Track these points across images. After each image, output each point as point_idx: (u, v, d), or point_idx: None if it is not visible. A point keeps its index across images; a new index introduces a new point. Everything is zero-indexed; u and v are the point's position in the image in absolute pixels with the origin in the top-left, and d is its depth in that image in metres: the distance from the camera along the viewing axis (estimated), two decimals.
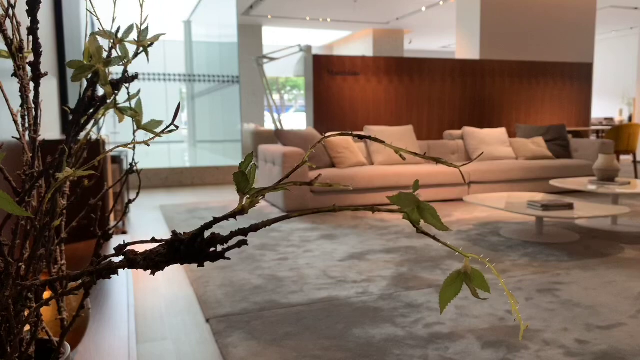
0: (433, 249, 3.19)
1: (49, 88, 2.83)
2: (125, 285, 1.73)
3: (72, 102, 3.99)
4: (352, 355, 1.78)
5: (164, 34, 0.61)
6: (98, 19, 0.60)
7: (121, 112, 0.58)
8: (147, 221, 4.32)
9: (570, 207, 3.22)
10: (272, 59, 8.44)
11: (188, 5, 10.96)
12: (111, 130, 11.24)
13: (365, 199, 4.78)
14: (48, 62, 3.15)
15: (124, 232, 3.86)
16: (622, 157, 9.40)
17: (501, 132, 5.84)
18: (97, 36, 0.55)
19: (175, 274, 2.78)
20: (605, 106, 13.32)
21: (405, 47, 13.90)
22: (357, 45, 13.90)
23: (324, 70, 5.97)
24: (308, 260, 2.98)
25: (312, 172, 4.66)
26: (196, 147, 12.19)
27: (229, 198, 5.44)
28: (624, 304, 2.23)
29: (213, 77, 8.52)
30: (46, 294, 0.80)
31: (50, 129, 2.70)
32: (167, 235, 3.73)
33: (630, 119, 9.57)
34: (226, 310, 2.21)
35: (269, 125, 11.80)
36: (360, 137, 0.46)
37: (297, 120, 17.93)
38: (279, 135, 4.97)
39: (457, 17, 7.42)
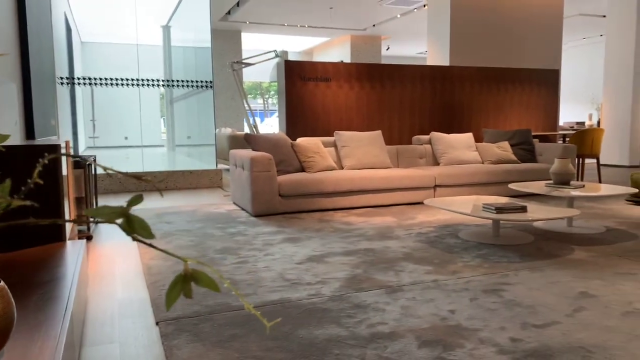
0: (391, 251, 3.26)
1: (6, 93, 2.85)
2: (68, 289, 1.76)
3: (37, 107, 3.99)
4: (293, 355, 1.83)
5: None
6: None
7: None
8: (114, 226, 4.32)
9: (524, 209, 3.32)
10: (247, 64, 8.48)
11: (167, 10, 10.96)
12: (90, 134, 11.19)
13: (334, 202, 4.85)
14: (8, 67, 3.15)
15: (89, 237, 3.87)
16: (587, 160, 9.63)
17: (468, 136, 5.96)
18: None
19: (133, 277, 2.81)
20: (576, 111, 13.61)
21: (383, 53, 14.07)
22: (336, 50, 14.02)
23: (296, 75, 6.04)
24: (267, 263, 3.03)
25: (280, 177, 4.71)
26: (175, 151, 12.17)
27: (200, 202, 5.47)
28: (563, 304, 2.32)
29: (190, 82, 8.53)
30: None
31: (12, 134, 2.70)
32: (130, 240, 3.74)
33: (599, 123, 9.81)
34: (177, 314, 2.24)
35: (248, 129, 11.82)
36: None
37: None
38: (249, 140, 5.02)
39: (428, 25, 7.55)
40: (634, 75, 8.98)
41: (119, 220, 0.47)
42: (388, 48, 14.58)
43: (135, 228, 0.47)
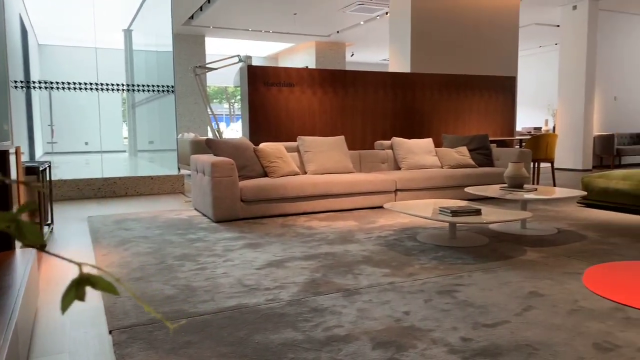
0: (351, 255, 3.30)
1: None
2: (13, 299, 1.71)
3: None
4: None
5: None
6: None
7: None
8: (71, 233, 4.21)
9: (478, 212, 3.42)
10: (210, 69, 8.42)
11: (128, 13, 10.78)
12: (48, 140, 10.85)
13: (296, 207, 4.86)
14: None
15: (43, 245, 3.75)
16: (542, 164, 9.96)
17: (428, 142, 6.09)
18: None
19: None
20: (534, 116, 14.08)
21: (348, 59, 14.20)
22: (301, 56, 14.07)
23: (260, 81, 6.03)
24: (226, 269, 3.02)
25: (243, 182, 4.70)
26: (137, 157, 11.95)
27: (160, 208, 5.38)
28: (513, 303, 2.40)
29: (151, 87, 8.40)
30: None
31: None
32: (90, 247, 3.66)
33: (554, 129, 10.18)
34: (131, 321, 2.21)
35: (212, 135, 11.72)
36: None
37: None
38: (210, 145, 4.98)
39: (389, 32, 7.68)
40: (586, 82, 9.35)
41: (8, 225, 0.47)
42: (352, 54, 14.73)
43: (24, 233, 0.48)
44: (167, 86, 7.33)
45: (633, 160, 10.86)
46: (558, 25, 10.43)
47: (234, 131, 22.30)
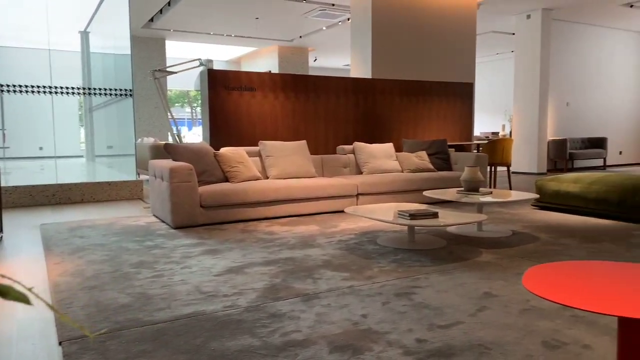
0: (311, 259, 3.30)
1: None
2: None
3: None
4: None
5: None
6: None
7: None
8: (22, 241, 4.05)
9: (435, 215, 3.48)
10: (170, 73, 8.29)
11: (85, 15, 10.49)
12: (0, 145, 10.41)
13: (258, 212, 4.84)
14: None
15: None
16: (499, 168, 10.26)
17: (389, 146, 6.17)
18: None
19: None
20: (491, 121, 14.48)
21: (310, 64, 14.25)
22: (264, 60, 14.03)
23: (220, 85, 5.98)
24: (184, 276, 2.97)
25: (202, 187, 4.64)
26: (94, 162, 11.62)
27: (117, 215, 5.25)
28: (468, 304, 2.45)
29: (109, 90, 8.20)
30: None
31: None
32: (41, 255, 3.53)
33: (511, 133, 10.49)
34: (98, 332, 2.14)
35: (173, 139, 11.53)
36: None
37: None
38: (169, 150, 4.90)
39: (351, 38, 7.76)
40: (540, 89, 9.70)
41: None
42: (315, 59, 14.80)
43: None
44: (125, 90, 7.17)
45: (585, 164, 11.31)
46: (513, 34, 10.78)
47: (196, 135, 21.97)
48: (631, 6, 9.40)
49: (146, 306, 2.45)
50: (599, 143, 11.14)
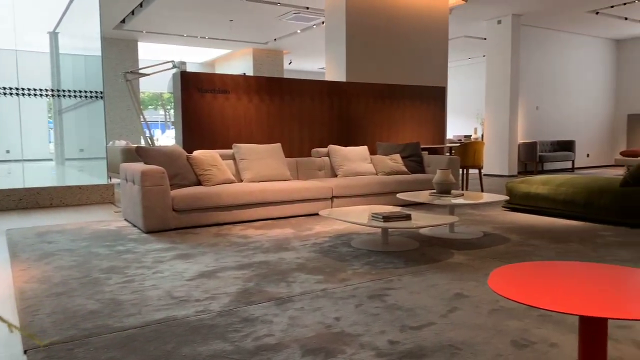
0: (285, 263, 3.29)
1: None
2: None
3: None
4: None
5: None
6: None
7: None
8: None
9: (408, 217, 3.52)
10: (142, 75, 8.18)
11: (54, 15, 10.26)
12: None
13: (231, 216, 4.80)
14: None
15: None
16: (471, 171, 10.43)
17: (363, 149, 6.21)
18: None
19: (2, 303, 2.57)
20: (464, 125, 14.72)
21: (285, 67, 14.24)
22: (238, 63, 13.96)
23: (193, 87, 5.92)
24: (155, 281, 2.92)
25: (175, 191, 4.58)
26: (64, 165, 11.36)
27: (87, 219, 5.14)
28: (439, 305, 2.48)
29: (79, 92, 8.04)
30: None
31: None
32: (7, 262, 3.43)
33: (483, 136, 10.68)
34: (50, 339, 2.09)
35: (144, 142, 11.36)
36: None
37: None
38: (141, 153, 4.83)
39: (325, 42, 7.79)
40: (511, 93, 9.90)
41: None
42: (290, 62, 14.79)
43: None
44: (96, 92, 7.04)
45: (554, 166, 11.59)
46: (485, 38, 10.99)
47: (170, 138, 21.70)
48: (597, 13, 9.69)
49: (116, 312, 2.41)
50: (567, 146, 11.43)
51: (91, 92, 7.12)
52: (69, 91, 7.43)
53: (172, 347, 2.01)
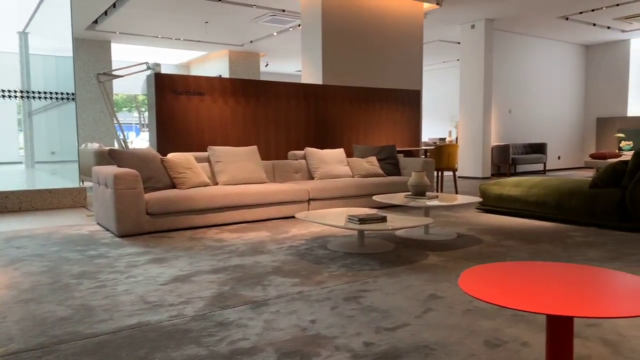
0: (261, 266, 3.28)
1: None
2: None
3: None
4: None
5: None
6: None
7: None
8: None
9: (384, 219, 3.54)
10: (115, 76, 8.05)
11: (23, 15, 10.02)
12: None
13: (206, 219, 4.75)
14: None
15: None
16: (445, 173, 10.57)
17: (340, 152, 6.23)
18: None
19: None
20: (439, 128, 14.90)
21: (262, 69, 14.20)
22: (214, 65, 13.86)
23: (168, 89, 5.85)
24: (128, 286, 2.87)
25: (149, 194, 4.51)
26: (34, 169, 11.09)
27: (58, 223, 5.03)
28: (414, 306, 2.50)
29: (50, 94, 7.87)
30: None
31: None
32: None
33: (457, 139, 10.82)
34: (17, 347, 2.03)
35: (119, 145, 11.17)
36: None
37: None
38: (113, 156, 4.74)
39: (302, 44, 7.80)
40: (484, 96, 10.07)
41: None
42: (267, 64, 14.75)
43: None
44: (68, 93, 6.90)
45: (526, 168, 11.82)
46: (459, 43, 11.15)
47: (144, 141, 21.39)
48: (567, 19, 9.94)
49: (87, 318, 2.36)
50: (539, 148, 11.67)
51: (62, 93, 6.97)
52: (40, 93, 7.26)
53: (145, 352, 1.98)
